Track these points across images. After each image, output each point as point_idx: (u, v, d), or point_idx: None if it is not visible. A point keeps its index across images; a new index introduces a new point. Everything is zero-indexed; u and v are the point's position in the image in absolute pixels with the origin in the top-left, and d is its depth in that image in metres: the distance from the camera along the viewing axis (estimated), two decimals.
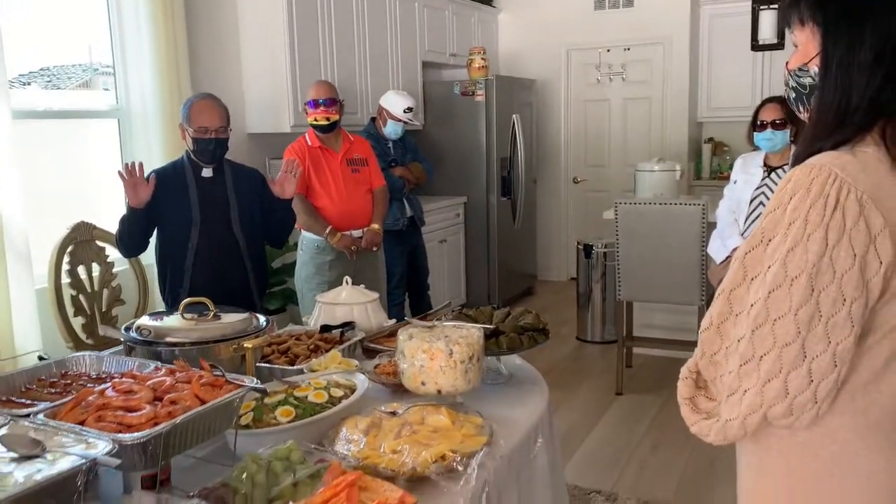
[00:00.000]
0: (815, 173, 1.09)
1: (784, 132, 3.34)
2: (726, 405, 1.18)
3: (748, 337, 1.13)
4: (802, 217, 1.08)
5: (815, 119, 1.16)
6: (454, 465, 1.46)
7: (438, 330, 1.83)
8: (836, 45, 1.11)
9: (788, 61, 1.22)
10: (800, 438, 1.16)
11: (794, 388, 1.10)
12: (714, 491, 3.11)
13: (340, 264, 3.70)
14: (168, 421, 1.30)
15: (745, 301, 1.15)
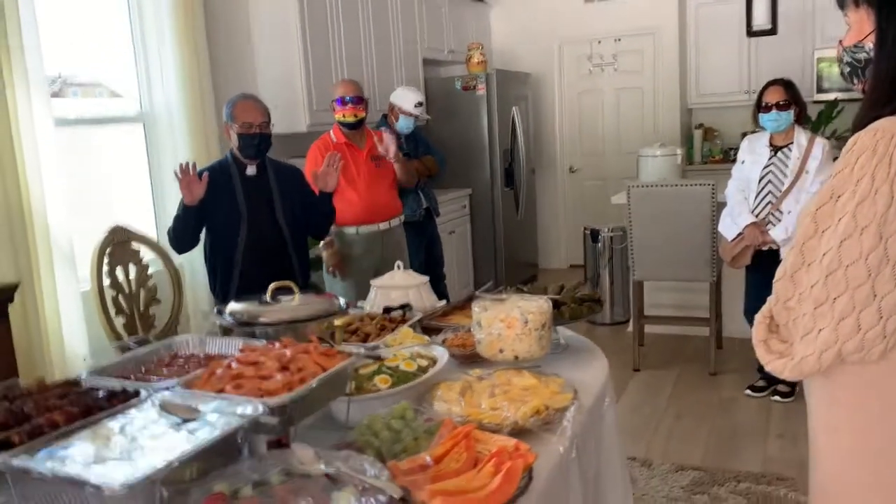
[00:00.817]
0: (879, 136, 1.25)
1: (788, 113, 3.52)
2: (801, 344, 1.33)
3: (822, 282, 1.29)
4: (869, 174, 1.25)
5: (872, 89, 1.32)
6: (551, 417, 1.62)
7: (510, 301, 1.97)
8: (889, 22, 1.28)
9: (842, 39, 1.39)
10: (868, 374, 1.33)
11: (865, 324, 1.26)
12: (739, 455, 3.29)
13: (368, 255, 3.86)
14: (301, 386, 1.43)
15: (817, 251, 1.31)
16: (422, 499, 1.26)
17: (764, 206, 3.62)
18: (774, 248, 3.59)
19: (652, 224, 4.15)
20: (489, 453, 1.43)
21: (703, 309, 4.41)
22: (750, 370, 4.10)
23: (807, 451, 3.08)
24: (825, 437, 1.42)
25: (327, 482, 1.22)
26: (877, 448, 1.35)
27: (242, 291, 2.73)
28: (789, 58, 6.12)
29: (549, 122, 6.94)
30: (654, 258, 4.20)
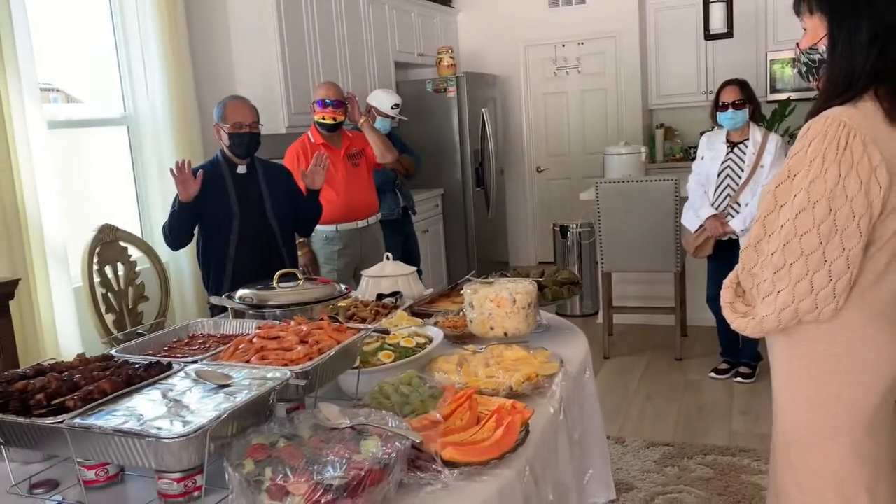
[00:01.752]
0: (829, 122, 1.46)
1: (743, 111, 3.77)
2: (762, 305, 1.53)
3: (780, 250, 1.49)
4: (821, 155, 1.45)
5: (826, 85, 1.53)
6: (541, 383, 1.79)
7: (499, 284, 2.15)
8: (840, 29, 1.48)
9: (799, 42, 1.59)
10: (824, 329, 1.53)
11: (818, 285, 1.47)
12: (707, 432, 3.51)
13: (348, 252, 4.00)
14: (319, 356, 1.58)
15: (776, 223, 1.51)
16: (435, 449, 1.43)
17: (723, 199, 3.86)
18: (734, 238, 3.83)
19: (619, 218, 4.38)
20: (489, 412, 1.60)
21: (668, 299, 4.65)
22: (713, 355, 4.34)
23: (767, 426, 3.33)
24: (787, 390, 1.62)
25: (353, 433, 1.38)
26: (832, 397, 1.55)
27: (235, 285, 2.86)
28: (744, 60, 6.43)
29: (516, 124, 7.15)
30: (621, 251, 4.43)
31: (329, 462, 1.25)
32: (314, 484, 1.20)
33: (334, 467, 1.23)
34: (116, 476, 1.46)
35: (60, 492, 1.45)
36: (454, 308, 2.46)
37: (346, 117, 3.99)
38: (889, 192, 1.44)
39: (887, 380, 1.55)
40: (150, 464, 1.27)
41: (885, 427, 1.60)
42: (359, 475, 1.22)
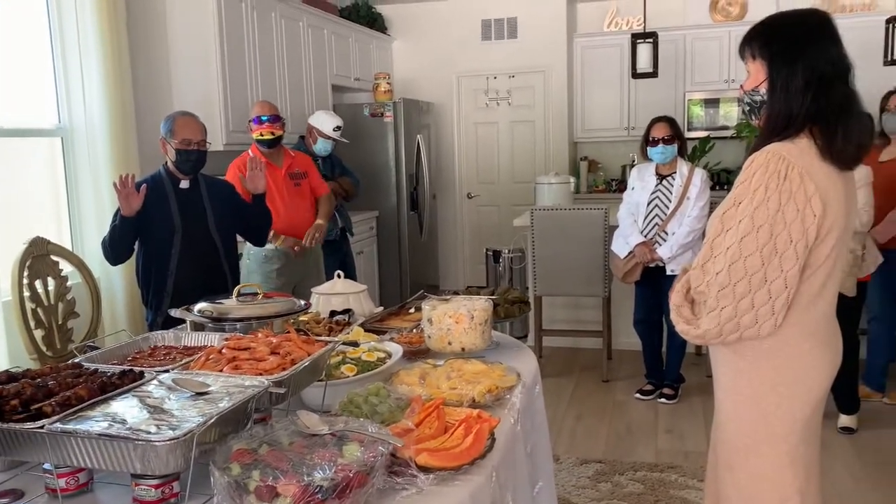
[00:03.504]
0: (771, 156, 1.61)
1: (672, 146, 4.01)
2: (707, 319, 1.67)
3: (726, 270, 1.63)
4: (763, 185, 1.60)
5: (766, 124, 1.69)
6: (501, 395, 1.88)
7: (456, 301, 2.23)
8: (778, 74, 1.65)
9: (743, 84, 1.75)
10: (765, 345, 1.68)
11: (758, 303, 1.61)
12: (635, 449, 3.66)
13: (287, 271, 4.00)
14: (294, 366, 1.61)
15: (722, 245, 1.65)
16: (409, 455, 1.48)
17: (651, 228, 4.07)
18: (661, 265, 4.04)
19: (551, 244, 4.54)
20: (457, 422, 1.67)
21: (595, 322, 4.84)
22: (638, 377, 4.53)
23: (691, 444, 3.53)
24: (730, 400, 1.76)
25: (334, 439, 1.42)
26: (771, 407, 1.69)
27: (176, 301, 2.83)
28: (664, 98, 6.79)
29: (448, 150, 7.30)
30: (553, 275, 4.59)
31: (316, 465, 1.29)
32: (304, 485, 1.24)
33: (323, 470, 1.27)
34: (86, 484, 1.45)
35: (27, 501, 1.42)
36: (405, 325, 2.52)
37: (283, 132, 4.01)
38: (823, 219, 1.60)
39: (819, 392, 1.71)
40: (135, 468, 1.27)
41: (815, 434, 1.76)
42: (347, 477, 1.27)
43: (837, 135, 1.64)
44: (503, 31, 7.03)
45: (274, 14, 5.10)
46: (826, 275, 1.65)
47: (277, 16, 5.13)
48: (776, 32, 1.71)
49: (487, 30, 7.06)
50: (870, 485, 3.24)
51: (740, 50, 1.75)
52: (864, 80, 6.02)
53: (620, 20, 7.14)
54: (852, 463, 3.45)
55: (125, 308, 3.92)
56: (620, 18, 7.14)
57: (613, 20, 7.17)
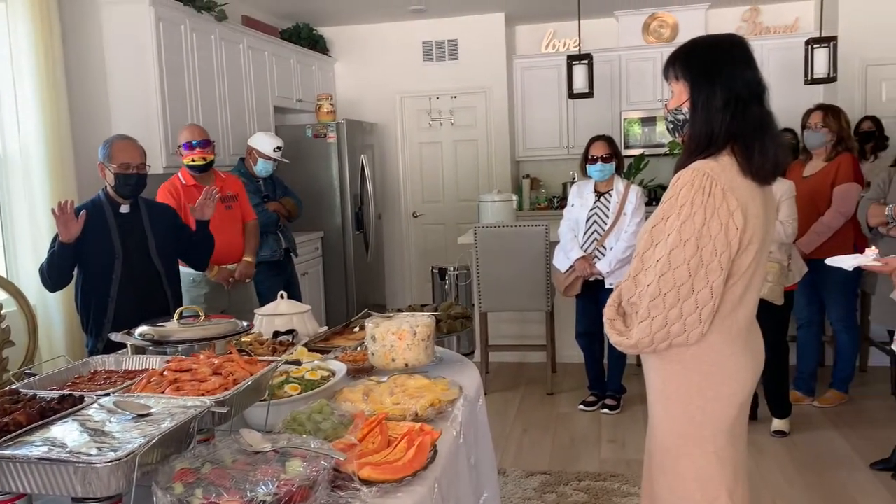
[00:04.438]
0: (695, 174, 1.71)
1: (611, 164, 4.14)
2: (638, 329, 1.75)
3: (656, 281, 1.71)
4: (689, 201, 1.69)
5: (690, 142, 1.79)
6: (443, 409, 1.92)
7: (399, 318, 2.27)
8: (699, 95, 1.75)
9: (667, 103, 1.85)
10: (692, 351, 1.76)
11: (686, 312, 1.70)
12: (579, 460, 3.74)
13: (215, 297, 3.96)
14: (235, 387, 1.63)
15: (652, 258, 1.74)
16: (352, 469, 1.51)
17: (591, 243, 4.19)
18: (600, 278, 4.15)
19: (495, 261, 4.63)
20: (399, 435, 1.71)
21: (539, 337, 4.93)
22: (581, 389, 4.63)
23: (633, 452, 3.63)
24: (661, 404, 1.84)
25: (277, 456, 1.44)
26: (698, 409, 1.78)
27: (117, 327, 2.79)
28: (602, 117, 6.99)
29: (393, 170, 7.36)
30: (497, 291, 4.67)
31: (259, 481, 1.31)
32: (247, 501, 1.26)
33: (265, 485, 1.30)
34: None
35: None
36: (350, 344, 2.55)
37: (214, 155, 3.98)
38: (744, 232, 1.70)
39: (742, 394, 1.80)
40: (76, 491, 1.27)
41: (741, 435, 1.85)
42: (290, 491, 1.29)
43: (755, 152, 1.74)
44: (444, 53, 7.15)
45: (213, 36, 5.09)
46: (747, 283, 1.75)
47: (217, 38, 5.13)
48: (696, 56, 1.82)
49: (429, 51, 7.16)
50: (802, 485, 3.37)
51: (664, 71, 1.85)
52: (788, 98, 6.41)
53: (557, 42, 7.34)
54: (785, 465, 3.59)
55: (64, 335, 3.83)
56: (557, 40, 7.35)
57: (551, 42, 7.37)
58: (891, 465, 3.43)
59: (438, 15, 6.90)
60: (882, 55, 6.26)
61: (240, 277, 4.00)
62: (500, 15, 6.96)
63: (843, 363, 4.30)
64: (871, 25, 6.23)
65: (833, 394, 4.32)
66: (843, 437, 3.86)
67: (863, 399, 4.37)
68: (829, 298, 4.17)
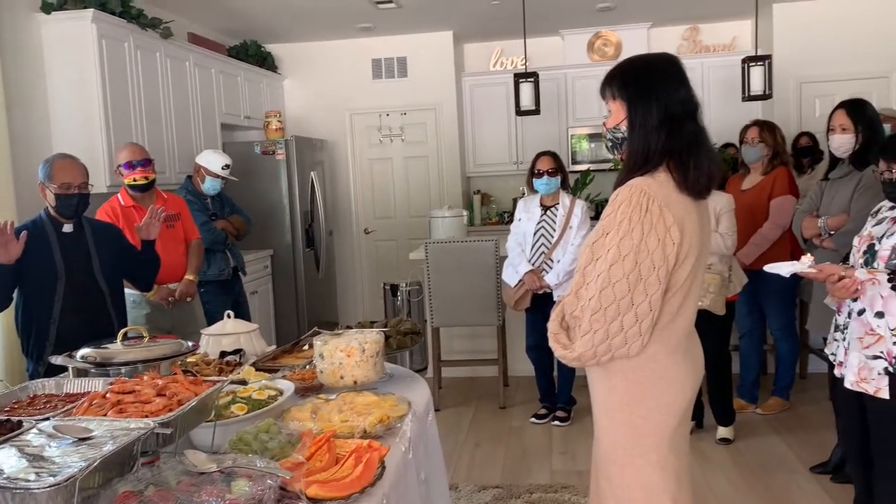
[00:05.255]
0: (633, 191, 1.76)
1: (556, 178, 4.22)
2: (580, 343, 1.79)
3: (597, 296, 1.76)
4: (628, 218, 1.75)
5: (628, 159, 1.85)
6: (392, 425, 1.93)
7: (348, 335, 2.27)
8: (636, 114, 1.81)
9: (605, 122, 1.91)
10: (633, 362, 1.81)
11: (627, 325, 1.75)
12: (531, 472, 3.78)
13: (157, 317, 3.88)
14: (179, 408, 1.62)
15: (593, 273, 1.78)
16: (299, 488, 1.51)
17: (538, 256, 4.26)
18: (548, 291, 4.21)
19: (446, 276, 4.66)
20: (347, 453, 1.71)
21: (491, 351, 4.97)
22: (533, 402, 4.68)
23: (584, 463, 3.67)
24: (605, 415, 1.88)
25: (222, 476, 1.43)
26: (641, 419, 1.83)
27: (59, 349, 2.73)
28: (549, 134, 7.11)
29: (344, 187, 7.35)
30: (449, 307, 4.69)
31: (204, 502, 1.30)
32: None
33: None
34: None
35: None
36: (298, 363, 2.54)
37: (155, 174, 3.93)
38: (680, 246, 1.76)
39: (683, 403, 1.86)
40: None
41: (683, 443, 1.90)
42: None
43: (690, 168, 1.80)
44: (393, 70, 7.19)
45: (159, 54, 5.04)
46: (684, 295, 1.81)
47: (162, 55, 5.08)
48: (632, 75, 1.88)
49: (378, 68, 7.20)
50: (746, 490, 3.46)
51: (601, 90, 1.90)
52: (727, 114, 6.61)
53: (505, 60, 7.46)
54: (730, 471, 3.68)
55: (3, 360, 3.72)
56: (505, 58, 7.46)
57: (499, 60, 7.48)
58: (829, 468, 3.55)
59: (387, 33, 6.95)
60: (814, 73, 6.52)
61: (180, 296, 3.94)
62: (449, 33, 7.04)
63: (783, 371, 4.44)
64: (803, 45, 6.49)
65: (775, 401, 4.45)
66: (785, 443, 3.98)
67: (803, 405, 4.51)
68: (769, 308, 4.31)
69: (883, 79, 6.44)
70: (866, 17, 6.38)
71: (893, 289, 2.41)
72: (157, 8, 5.26)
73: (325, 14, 6.10)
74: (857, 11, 6.40)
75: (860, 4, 6.39)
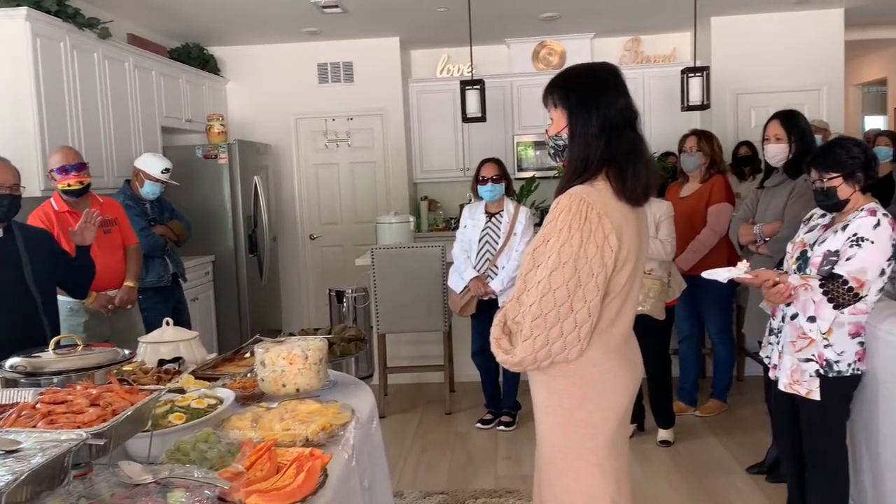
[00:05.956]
0: (573, 199, 1.79)
1: (500, 185, 4.26)
2: (521, 348, 1.81)
3: (538, 301, 1.77)
4: (567, 225, 1.77)
5: (569, 167, 1.87)
6: (335, 432, 1.91)
7: (290, 342, 2.24)
8: (576, 122, 1.84)
9: (548, 129, 1.93)
10: (573, 366, 1.84)
11: (566, 330, 1.77)
12: (476, 478, 3.79)
13: (95, 325, 3.78)
14: (114, 418, 1.57)
15: (535, 279, 1.80)
16: (239, 498, 1.48)
17: (484, 262, 4.28)
18: (494, 297, 4.24)
19: (393, 282, 4.64)
20: (288, 461, 1.69)
21: (437, 357, 4.97)
22: (479, 407, 4.70)
23: (528, 468, 3.70)
24: (546, 419, 1.90)
25: (158, 487, 1.39)
26: (581, 422, 1.85)
27: None
28: (495, 141, 7.17)
29: (289, 192, 7.26)
30: (395, 313, 4.68)
31: None
32: None
33: None
34: None
35: None
36: (239, 371, 2.49)
37: (90, 178, 3.82)
38: (619, 253, 1.79)
39: (622, 406, 1.89)
40: None
41: (622, 446, 1.94)
42: None
43: (628, 176, 1.84)
44: (339, 75, 7.15)
45: (96, 55, 4.90)
46: (623, 301, 1.85)
47: (100, 56, 4.94)
48: (573, 84, 1.91)
49: (324, 73, 7.15)
50: (686, 491, 3.54)
51: (543, 99, 1.93)
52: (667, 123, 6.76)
53: (452, 67, 7.50)
54: (671, 473, 3.76)
55: None
56: (452, 65, 7.50)
57: (445, 66, 7.52)
58: (764, 468, 3.65)
59: (333, 37, 6.91)
60: (750, 84, 6.74)
61: (120, 304, 3.84)
62: (395, 39, 7.04)
63: (721, 374, 4.56)
64: (739, 57, 6.71)
65: (713, 403, 4.57)
66: (723, 444, 4.08)
67: (740, 407, 4.64)
68: (707, 312, 4.43)
69: (814, 91, 6.70)
70: (798, 34, 6.63)
71: (825, 294, 2.51)
72: (96, 8, 5.13)
73: (270, 17, 6.04)
74: (789, 27, 6.64)
75: (792, 21, 6.64)
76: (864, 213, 2.56)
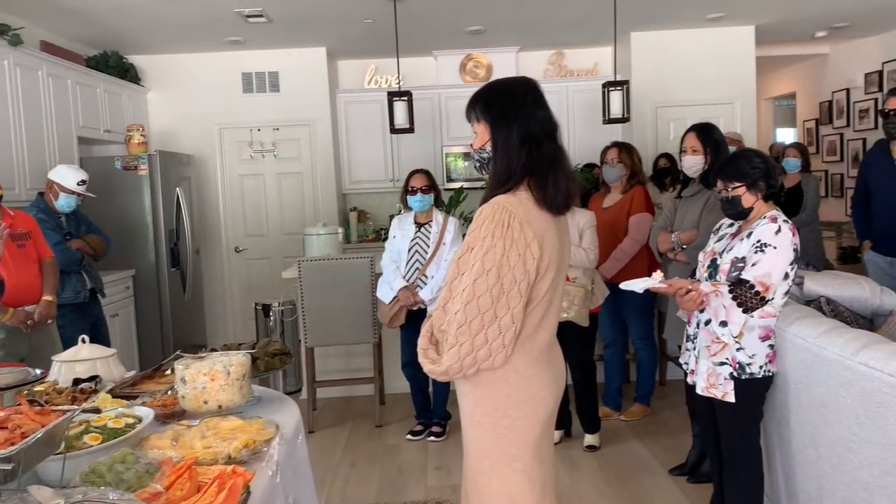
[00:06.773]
0: (496, 208, 1.82)
1: (430, 195, 4.28)
2: (447, 356, 1.83)
3: (462, 309, 1.79)
4: (490, 234, 1.80)
5: (492, 177, 1.90)
6: (258, 449, 1.88)
7: (212, 357, 2.19)
8: (498, 135, 1.88)
9: (472, 143, 1.96)
10: (498, 373, 1.86)
11: (491, 337, 1.80)
12: (406, 490, 3.78)
13: (12, 342, 3.63)
14: (22, 441, 1.50)
15: (459, 287, 1.82)
16: None
17: (413, 272, 4.29)
18: (423, 307, 4.25)
19: (321, 294, 4.60)
20: (210, 480, 1.65)
21: (367, 369, 4.94)
22: (409, 418, 4.69)
23: (458, 477, 3.72)
24: (472, 427, 1.92)
25: None
26: (506, 429, 1.88)
27: None
28: (424, 152, 7.20)
29: (212, 204, 7.10)
30: (324, 325, 4.63)
31: None
32: None
33: None
34: None
35: None
36: (159, 388, 2.43)
37: (2, 191, 3.66)
38: (541, 261, 1.83)
39: (546, 412, 1.92)
40: None
41: (547, 452, 1.97)
42: None
43: (549, 186, 1.88)
44: (265, 85, 7.05)
45: (7, 62, 4.70)
46: (545, 308, 1.88)
47: (11, 64, 4.74)
48: (494, 98, 1.94)
49: (249, 82, 7.04)
50: (611, 496, 3.62)
51: (467, 113, 1.96)
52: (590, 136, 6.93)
53: (380, 78, 7.50)
54: (597, 477, 3.83)
55: None
56: (380, 76, 7.50)
57: (373, 78, 7.52)
58: (686, 469, 3.77)
59: (258, 47, 6.82)
60: (668, 98, 6.98)
61: (40, 319, 3.68)
62: (322, 49, 7.00)
63: (644, 378, 4.69)
64: (657, 72, 6.94)
65: (637, 407, 4.69)
66: (647, 448, 4.19)
67: (662, 410, 4.78)
68: (630, 319, 4.55)
69: (728, 105, 6.99)
70: (713, 49, 6.91)
71: (734, 299, 2.62)
72: (6, 13, 4.93)
73: (192, 26, 5.91)
74: (704, 43, 6.92)
75: (707, 36, 6.91)
76: (766, 221, 2.69)
